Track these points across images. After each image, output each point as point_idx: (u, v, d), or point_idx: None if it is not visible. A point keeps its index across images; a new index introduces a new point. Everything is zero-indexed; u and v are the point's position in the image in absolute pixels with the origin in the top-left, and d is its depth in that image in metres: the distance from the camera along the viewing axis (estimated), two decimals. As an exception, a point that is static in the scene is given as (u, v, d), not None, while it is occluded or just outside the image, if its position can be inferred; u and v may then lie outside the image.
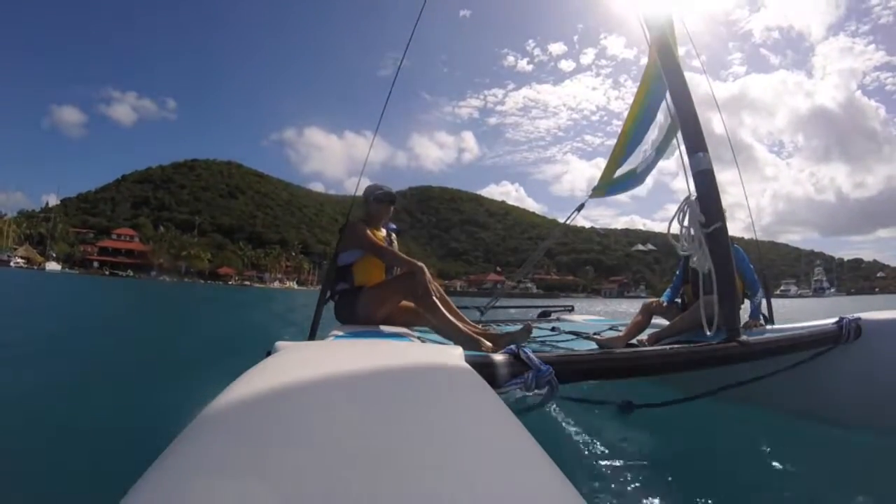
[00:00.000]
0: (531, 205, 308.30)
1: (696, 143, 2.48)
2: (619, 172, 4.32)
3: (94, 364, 4.88)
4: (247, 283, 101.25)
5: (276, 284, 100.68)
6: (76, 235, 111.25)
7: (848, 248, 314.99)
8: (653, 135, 3.74)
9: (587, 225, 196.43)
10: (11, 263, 76.92)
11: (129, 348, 6.32)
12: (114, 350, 6.07)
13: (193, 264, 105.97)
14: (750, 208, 4.17)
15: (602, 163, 4.51)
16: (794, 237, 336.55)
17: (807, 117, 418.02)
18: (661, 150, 3.72)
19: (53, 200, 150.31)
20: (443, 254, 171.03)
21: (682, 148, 2.58)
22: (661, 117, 3.60)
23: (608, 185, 4.48)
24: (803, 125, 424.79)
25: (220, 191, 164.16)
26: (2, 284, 23.70)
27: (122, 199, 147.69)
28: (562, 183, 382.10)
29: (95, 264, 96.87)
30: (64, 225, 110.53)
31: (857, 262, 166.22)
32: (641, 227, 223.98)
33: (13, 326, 7.92)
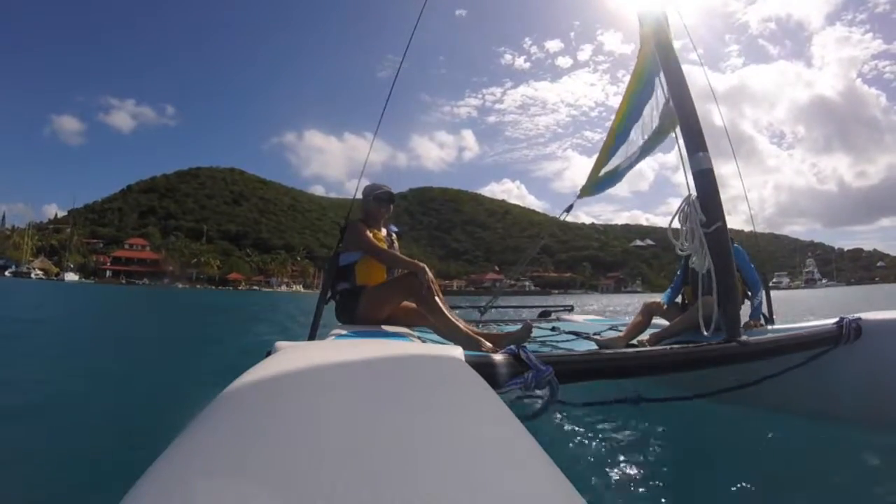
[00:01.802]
0: (532, 202, 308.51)
1: (697, 143, 2.47)
2: (604, 170, 4.31)
3: (100, 365, 4.95)
4: (255, 287, 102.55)
5: (283, 288, 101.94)
6: (86, 246, 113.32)
7: (851, 238, 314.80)
8: (639, 135, 3.73)
9: (587, 221, 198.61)
10: (32, 275, 78.53)
11: (138, 351, 6.41)
12: (121, 353, 6.11)
13: (203, 271, 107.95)
14: (749, 202, 4.13)
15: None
16: (797, 228, 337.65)
17: (807, 107, 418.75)
18: (645, 151, 3.71)
19: (55, 210, 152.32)
20: (444, 254, 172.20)
21: (683, 148, 2.58)
22: (646, 118, 3.60)
23: (595, 184, 4.49)
24: (804, 116, 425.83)
25: (224, 198, 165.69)
26: (48, 297, 24.05)
27: (129, 208, 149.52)
28: (563, 179, 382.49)
29: (108, 273, 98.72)
30: (78, 236, 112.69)
31: (857, 253, 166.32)
32: (644, 223, 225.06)
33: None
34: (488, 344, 2.47)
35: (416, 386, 0.86)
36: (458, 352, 1.25)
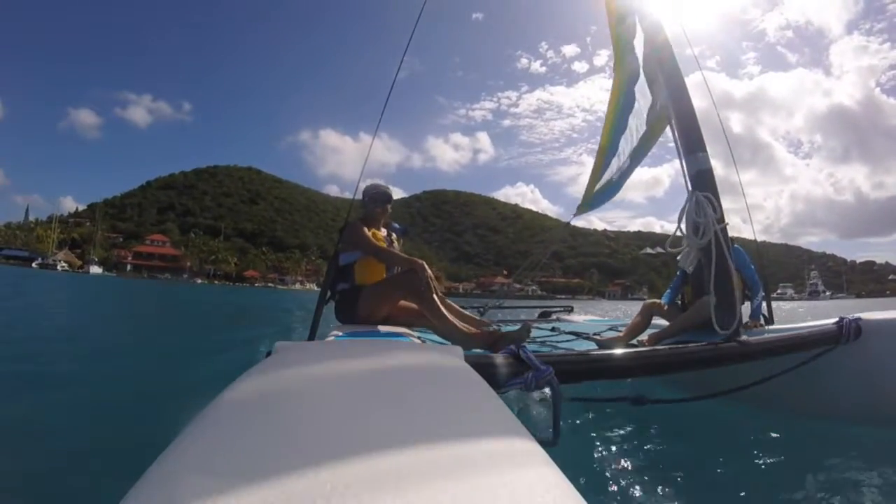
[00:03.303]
0: (546, 206, 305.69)
1: (695, 144, 2.44)
2: (598, 185, 4.33)
3: (104, 365, 4.81)
4: (270, 284, 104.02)
5: (297, 286, 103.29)
6: (106, 240, 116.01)
7: (867, 249, 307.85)
8: (627, 143, 3.74)
9: (600, 227, 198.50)
10: (58, 267, 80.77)
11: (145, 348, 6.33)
12: (126, 348, 6.07)
13: (221, 268, 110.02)
14: (748, 206, 4.11)
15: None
16: (812, 239, 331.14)
17: (825, 116, 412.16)
18: (636, 159, 3.68)
19: (70, 201, 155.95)
20: (455, 257, 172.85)
21: (681, 149, 2.54)
22: (633, 124, 3.59)
23: (589, 202, 4.51)
24: (822, 124, 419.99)
25: (241, 197, 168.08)
26: (98, 290, 24.70)
27: (148, 204, 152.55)
28: (577, 184, 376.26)
29: (129, 267, 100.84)
30: (102, 231, 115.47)
31: (868, 265, 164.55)
32: (658, 230, 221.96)
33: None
34: (473, 329, 2.54)
35: (415, 386, 0.86)
36: (457, 352, 1.25)
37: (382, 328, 2.59)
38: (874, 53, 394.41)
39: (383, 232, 3.21)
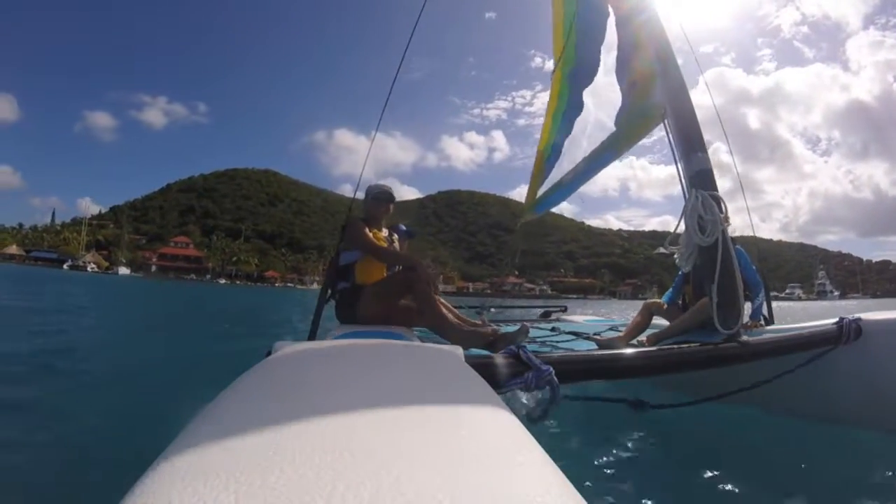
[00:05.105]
0: (562, 205, 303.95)
1: (695, 143, 2.41)
2: (541, 191, 4.31)
3: (106, 366, 4.71)
4: (290, 284, 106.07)
5: (315, 286, 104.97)
6: (131, 241, 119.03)
7: (886, 248, 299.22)
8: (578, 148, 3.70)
9: (615, 227, 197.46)
10: (88, 269, 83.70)
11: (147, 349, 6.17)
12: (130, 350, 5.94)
13: (242, 268, 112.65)
14: (748, 206, 4.06)
15: (635, 162, 5.60)
16: (831, 237, 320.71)
17: (844, 112, 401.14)
18: (599, 159, 3.68)
19: (88, 203, 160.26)
20: (469, 257, 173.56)
21: (675, 149, 2.50)
22: (576, 131, 3.59)
23: (534, 206, 4.47)
24: (840, 120, 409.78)
25: (260, 199, 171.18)
26: (154, 293, 25.16)
27: (169, 207, 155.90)
28: (594, 182, 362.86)
29: (153, 268, 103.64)
30: (129, 234, 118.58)
31: (884, 265, 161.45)
32: (673, 228, 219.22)
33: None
34: (472, 329, 2.56)
35: (415, 385, 0.86)
36: (458, 351, 1.24)
37: (382, 328, 2.58)
38: (891, 48, 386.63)
39: (384, 232, 3.20)
